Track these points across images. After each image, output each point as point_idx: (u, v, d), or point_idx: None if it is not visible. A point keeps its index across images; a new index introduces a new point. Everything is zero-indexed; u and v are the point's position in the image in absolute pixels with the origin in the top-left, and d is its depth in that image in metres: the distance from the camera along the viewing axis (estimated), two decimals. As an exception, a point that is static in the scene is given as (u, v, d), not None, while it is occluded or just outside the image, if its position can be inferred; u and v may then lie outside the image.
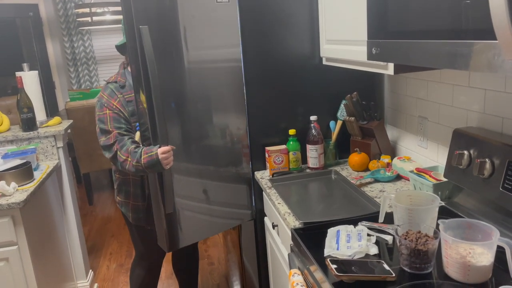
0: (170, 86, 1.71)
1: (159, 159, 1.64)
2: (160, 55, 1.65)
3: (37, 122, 2.44)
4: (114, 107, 1.79)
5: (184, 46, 1.73)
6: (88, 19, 4.20)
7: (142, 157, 1.66)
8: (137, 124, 1.81)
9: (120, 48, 1.90)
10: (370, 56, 1.25)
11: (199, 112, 1.82)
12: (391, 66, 1.34)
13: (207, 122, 1.84)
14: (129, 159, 1.71)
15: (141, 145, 1.77)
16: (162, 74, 1.67)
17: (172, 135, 1.74)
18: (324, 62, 1.92)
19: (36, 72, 2.48)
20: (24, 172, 2.07)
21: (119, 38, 5.87)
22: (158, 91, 1.63)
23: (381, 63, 1.38)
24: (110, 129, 1.76)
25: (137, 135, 1.82)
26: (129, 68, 1.87)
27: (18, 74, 2.37)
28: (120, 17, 4.38)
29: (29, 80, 2.42)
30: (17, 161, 2.14)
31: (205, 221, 1.89)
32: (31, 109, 2.37)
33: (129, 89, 1.84)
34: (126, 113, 1.80)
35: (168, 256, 3.16)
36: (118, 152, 1.74)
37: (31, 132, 2.39)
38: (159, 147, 1.67)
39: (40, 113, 2.49)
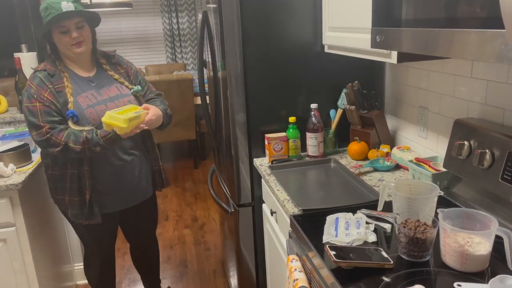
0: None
1: (117, 135, 1.70)
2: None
3: (35, 104, 2.42)
4: (45, 98, 1.69)
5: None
6: (87, 1, 4.14)
7: (102, 141, 1.71)
8: (68, 112, 1.72)
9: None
10: (374, 44, 1.24)
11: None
12: (394, 54, 1.34)
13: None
14: (87, 146, 1.70)
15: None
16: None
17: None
18: (326, 50, 1.90)
19: (35, 53, 2.46)
20: (22, 154, 2.06)
21: (119, 22, 5.81)
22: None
23: (384, 51, 1.37)
24: (42, 124, 1.69)
25: (69, 123, 1.74)
26: (67, 57, 1.78)
27: (16, 55, 2.35)
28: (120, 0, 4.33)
29: (28, 61, 2.40)
30: (15, 143, 2.13)
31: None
32: (29, 90, 2.35)
33: (58, 78, 1.75)
34: (59, 104, 1.72)
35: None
36: (70, 145, 1.68)
37: (29, 114, 2.37)
38: None
39: (38, 95, 2.46)
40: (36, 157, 2.17)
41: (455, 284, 0.99)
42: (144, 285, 2.43)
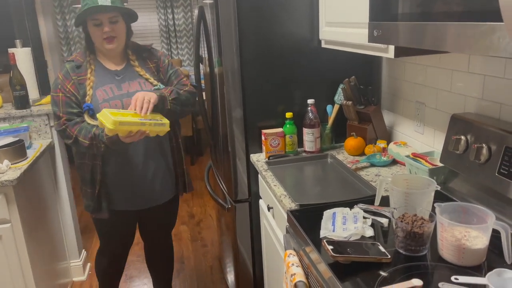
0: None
1: (118, 137, 1.63)
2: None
3: (30, 100, 2.41)
4: (68, 90, 1.72)
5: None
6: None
7: (105, 138, 1.66)
8: (84, 105, 1.71)
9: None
10: (371, 39, 1.24)
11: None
12: (391, 49, 1.33)
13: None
14: (94, 142, 1.69)
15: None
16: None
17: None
18: (323, 45, 1.90)
19: (29, 49, 2.43)
20: (17, 150, 2.04)
21: (113, 18, 5.76)
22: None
23: (382, 46, 1.37)
24: (61, 115, 1.72)
25: (85, 116, 1.74)
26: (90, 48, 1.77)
27: (10, 50, 2.32)
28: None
29: (22, 57, 2.37)
30: (10, 139, 2.11)
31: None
32: (23, 86, 2.34)
33: (84, 70, 1.75)
34: (79, 96, 1.73)
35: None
36: (80, 139, 1.70)
37: (24, 110, 2.36)
38: None
39: (33, 91, 2.45)
40: (32, 153, 2.16)
41: (452, 278, 0.99)
42: None
